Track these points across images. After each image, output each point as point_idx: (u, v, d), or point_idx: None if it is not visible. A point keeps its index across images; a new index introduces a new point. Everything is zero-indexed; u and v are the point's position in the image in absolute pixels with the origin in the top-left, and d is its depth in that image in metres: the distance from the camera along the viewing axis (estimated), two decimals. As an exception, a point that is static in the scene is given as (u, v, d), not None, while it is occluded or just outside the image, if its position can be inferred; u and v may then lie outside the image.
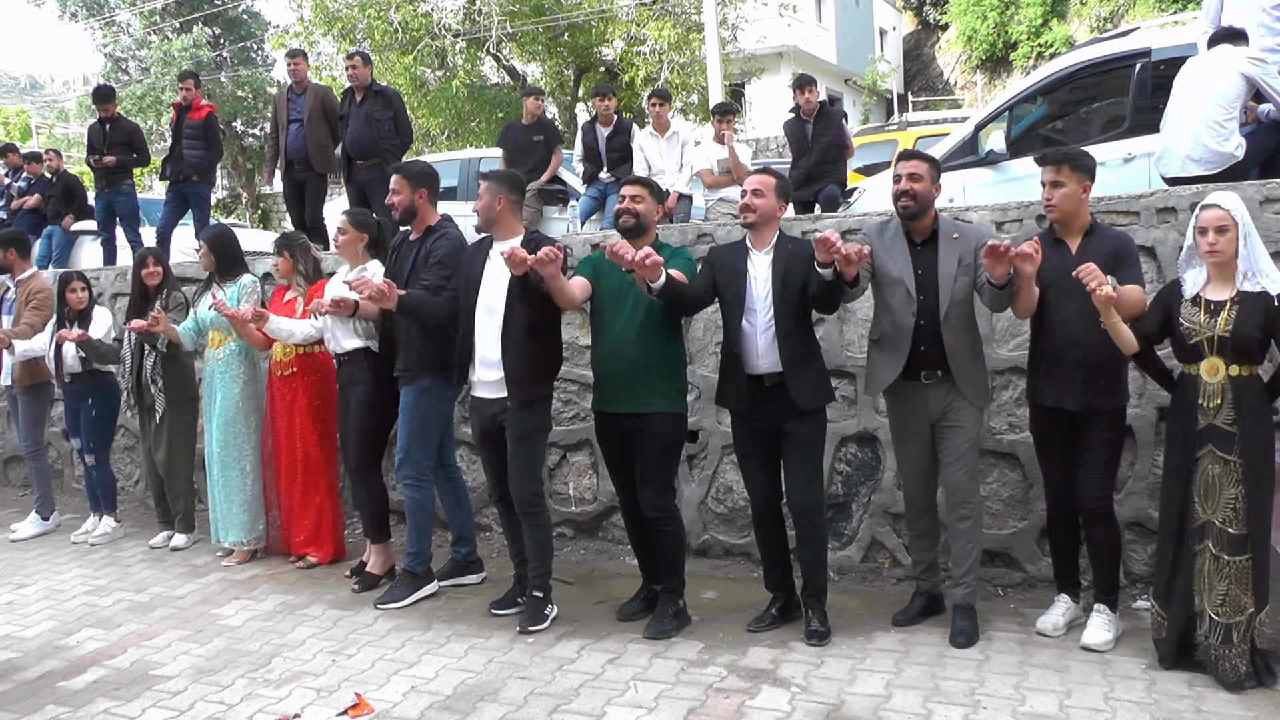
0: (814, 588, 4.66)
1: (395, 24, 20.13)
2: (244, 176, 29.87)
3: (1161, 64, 6.45)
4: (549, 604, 5.00)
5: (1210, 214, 3.98)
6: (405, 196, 5.29)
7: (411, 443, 5.30)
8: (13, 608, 5.62)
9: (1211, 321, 3.96)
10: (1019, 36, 29.79)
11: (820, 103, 8.40)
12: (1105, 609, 4.42)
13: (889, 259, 4.55)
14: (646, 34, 20.18)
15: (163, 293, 6.61)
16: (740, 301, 4.57)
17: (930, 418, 4.57)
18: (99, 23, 30.38)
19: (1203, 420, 3.99)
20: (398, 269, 5.35)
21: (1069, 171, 4.29)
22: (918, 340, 4.47)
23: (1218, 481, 3.95)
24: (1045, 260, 4.27)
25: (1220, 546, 3.92)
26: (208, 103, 9.44)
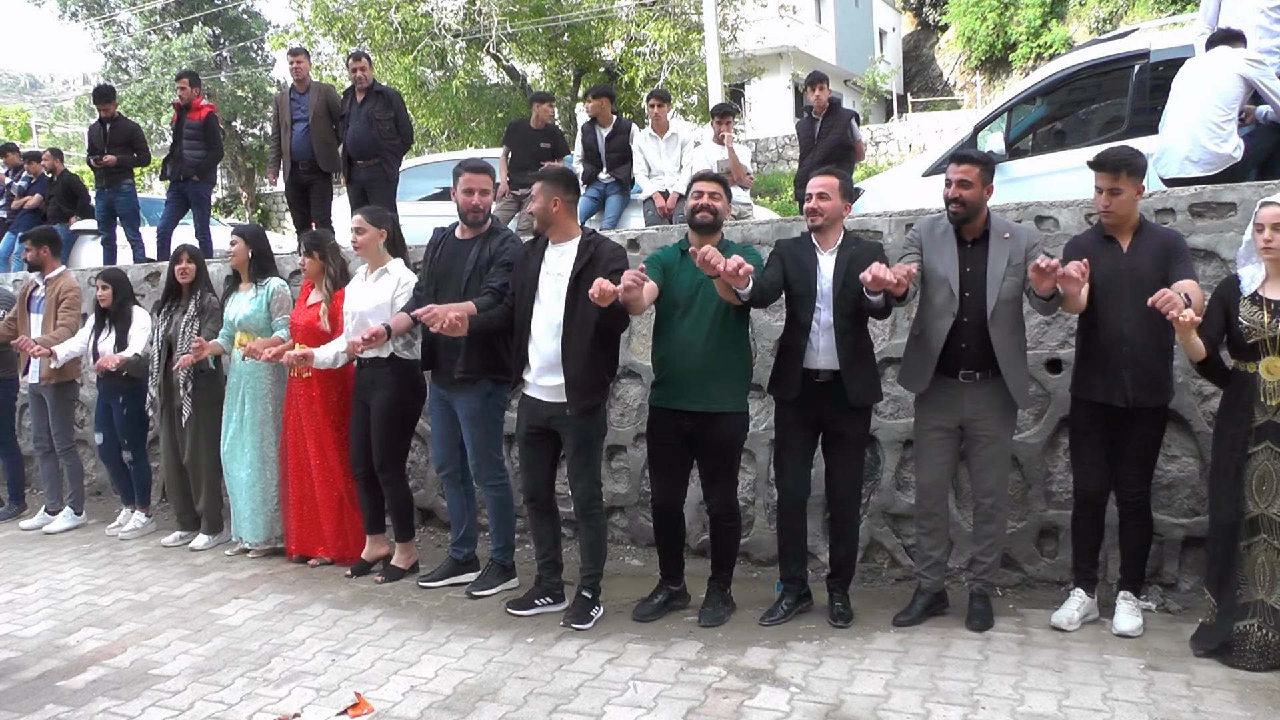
0: (844, 575, 4.89)
1: (395, 24, 20.14)
2: (244, 176, 29.87)
3: (1160, 65, 6.46)
4: (596, 605, 5.01)
5: (1269, 211, 3.97)
6: (490, 199, 5.36)
7: (483, 448, 5.38)
8: (12, 607, 5.62)
9: (1273, 322, 3.97)
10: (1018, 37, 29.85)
11: (832, 101, 8.39)
12: (1132, 596, 4.52)
13: (936, 257, 4.58)
14: (646, 34, 20.20)
15: (196, 293, 6.60)
16: (810, 298, 4.62)
17: (962, 417, 4.60)
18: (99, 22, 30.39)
19: (1261, 417, 4.03)
20: (451, 268, 5.28)
21: (1126, 177, 4.28)
22: (959, 338, 4.50)
23: (1273, 475, 4.00)
24: (1096, 258, 4.32)
25: (1277, 538, 3.98)
26: (208, 103, 9.43)
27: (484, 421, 5.36)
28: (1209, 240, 4.80)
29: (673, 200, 8.24)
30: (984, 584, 4.76)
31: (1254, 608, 4.05)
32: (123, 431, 7.01)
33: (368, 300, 5.57)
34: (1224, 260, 4.74)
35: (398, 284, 5.56)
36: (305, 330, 5.93)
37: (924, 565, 4.87)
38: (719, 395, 4.71)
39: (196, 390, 6.55)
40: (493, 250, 5.22)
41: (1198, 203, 4.84)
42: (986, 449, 4.60)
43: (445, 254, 5.35)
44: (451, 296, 5.09)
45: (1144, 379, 4.31)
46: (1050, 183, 6.49)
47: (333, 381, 5.99)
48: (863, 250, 4.63)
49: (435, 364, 5.39)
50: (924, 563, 4.87)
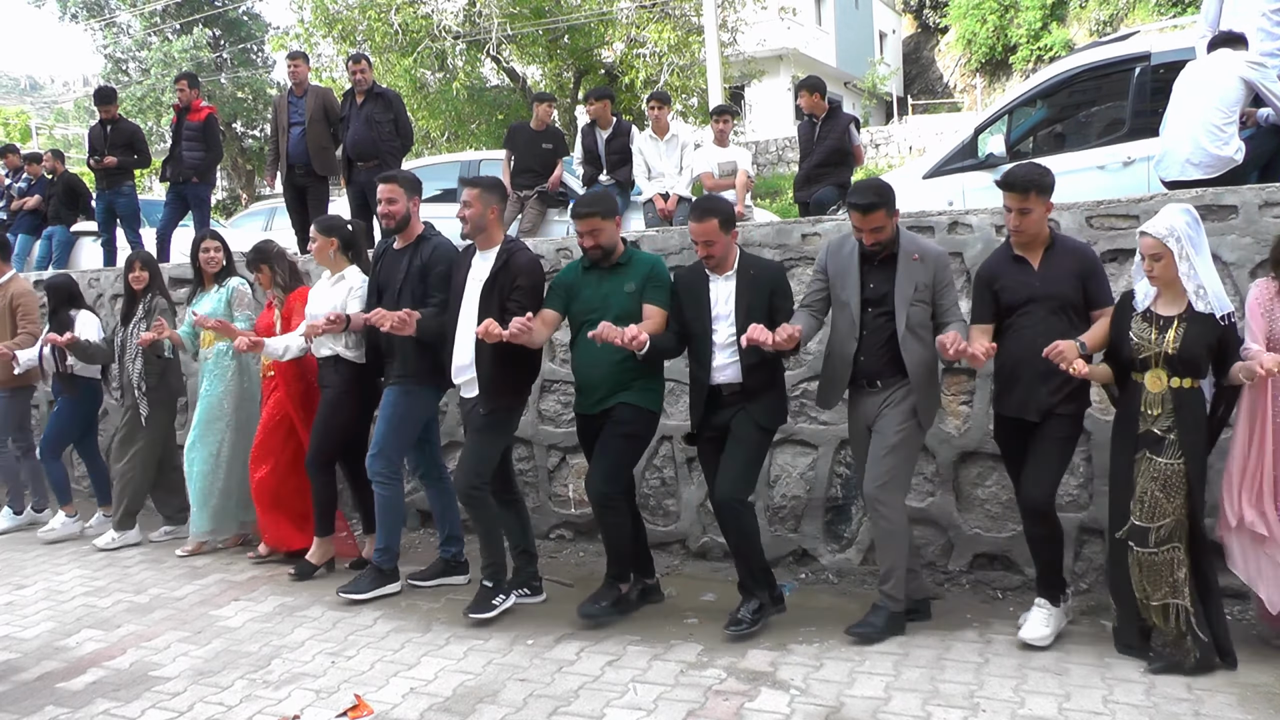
0: (749, 580, 4.78)
1: (395, 26, 20.15)
2: (244, 178, 29.90)
3: (1161, 68, 6.46)
4: (499, 594, 5.08)
5: (1144, 242, 4.07)
6: (401, 206, 5.36)
7: (386, 439, 5.36)
8: (12, 608, 5.62)
9: (1160, 338, 4.06)
10: (1018, 40, 29.87)
11: (832, 106, 8.39)
12: (1046, 603, 4.49)
13: (840, 281, 4.61)
14: (646, 36, 20.22)
15: (148, 295, 6.72)
16: (704, 321, 4.71)
17: (868, 420, 4.64)
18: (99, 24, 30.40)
19: (1142, 426, 4.12)
20: (386, 277, 5.42)
21: (1035, 196, 4.28)
22: (860, 352, 4.55)
23: (1140, 478, 4.11)
24: (1007, 278, 4.39)
25: (1132, 538, 4.11)
26: (207, 104, 9.44)
27: (393, 414, 5.36)
28: (1210, 243, 4.78)
29: (673, 202, 8.24)
30: (885, 596, 4.62)
31: (1142, 607, 4.15)
32: (52, 430, 7.17)
33: (324, 304, 5.68)
34: (1225, 263, 4.74)
35: (352, 289, 5.67)
36: (265, 331, 6.13)
37: None
38: (619, 392, 4.81)
39: (149, 390, 6.67)
40: (423, 258, 5.32)
41: (1199, 205, 4.82)
42: (875, 446, 4.57)
43: (386, 265, 5.48)
44: (389, 305, 5.24)
45: (1059, 390, 4.29)
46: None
47: (296, 378, 6.05)
48: (763, 273, 4.73)
49: (379, 369, 5.54)
50: None
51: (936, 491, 5.32)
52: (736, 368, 4.66)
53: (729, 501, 4.65)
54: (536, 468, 6.40)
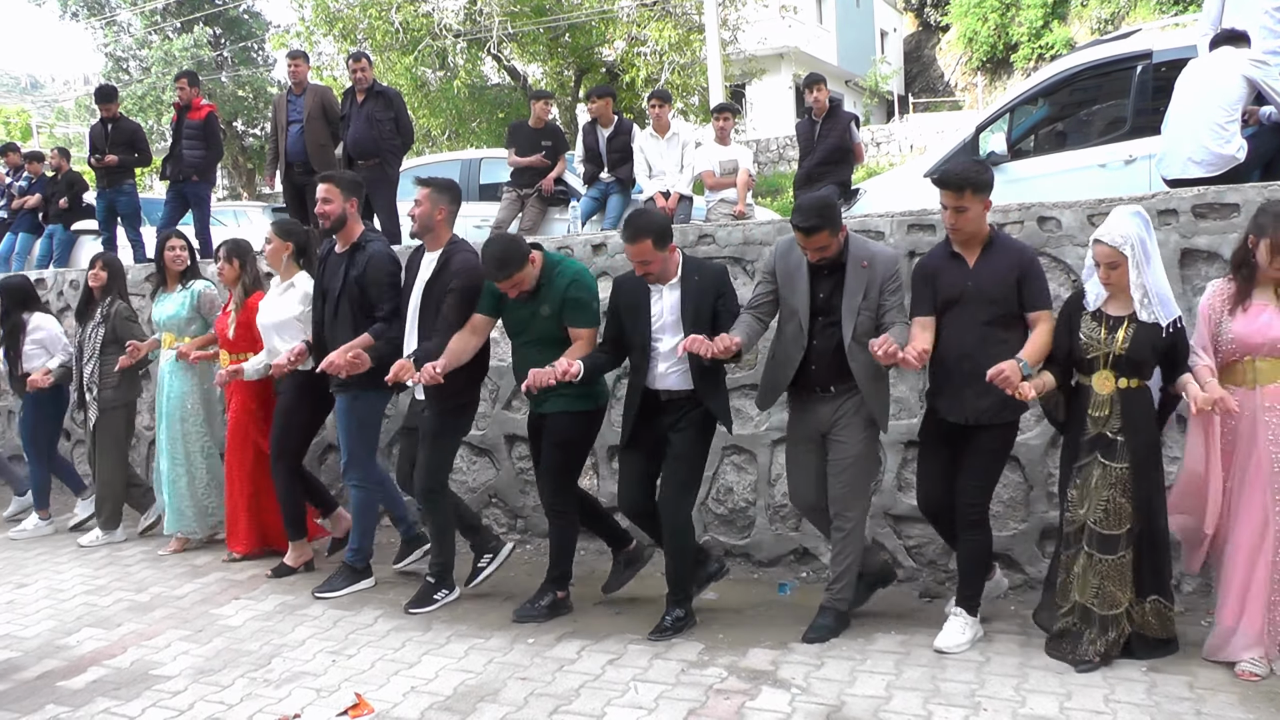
0: (674, 589, 4.80)
1: (396, 24, 20.15)
2: (244, 176, 29.89)
3: (1163, 66, 6.45)
4: (443, 589, 5.27)
5: (1100, 250, 4.06)
6: (338, 206, 5.37)
7: (352, 448, 5.48)
8: (13, 607, 5.62)
9: (1110, 338, 4.07)
10: (1020, 38, 29.85)
11: (832, 104, 8.38)
12: (963, 613, 4.47)
13: (788, 286, 4.59)
14: (647, 35, 20.20)
15: (107, 298, 6.78)
16: (645, 332, 4.71)
17: (821, 428, 4.61)
18: (100, 22, 30.40)
19: (1092, 429, 4.14)
20: (329, 282, 5.45)
21: (971, 195, 4.24)
22: (810, 361, 4.53)
23: (1097, 485, 4.11)
24: (943, 274, 4.39)
25: (1093, 546, 4.11)
26: (208, 103, 9.44)
27: (349, 422, 5.46)
28: (1212, 242, 4.79)
29: (674, 200, 8.23)
30: (833, 598, 4.65)
31: (1076, 609, 4.18)
32: (26, 435, 7.29)
33: (275, 313, 5.78)
34: (1226, 261, 4.72)
35: (304, 296, 5.72)
36: (220, 334, 6.22)
37: None
38: (554, 398, 4.84)
39: (102, 392, 6.72)
40: (359, 268, 5.34)
41: (1200, 204, 4.83)
42: (836, 454, 4.57)
43: (328, 269, 5.50)
44: (330, 311, 5.39)
45: (989, 395, 4.22)
46: (1052, 184, 6.47)
47: (256, 382, 6.07)
48: (706, 278, 4.70)
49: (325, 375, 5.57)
50: None
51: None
52: (680, 375, 4.67)
53: (670, 513, 4.72)
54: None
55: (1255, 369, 4.05)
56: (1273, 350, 4.01)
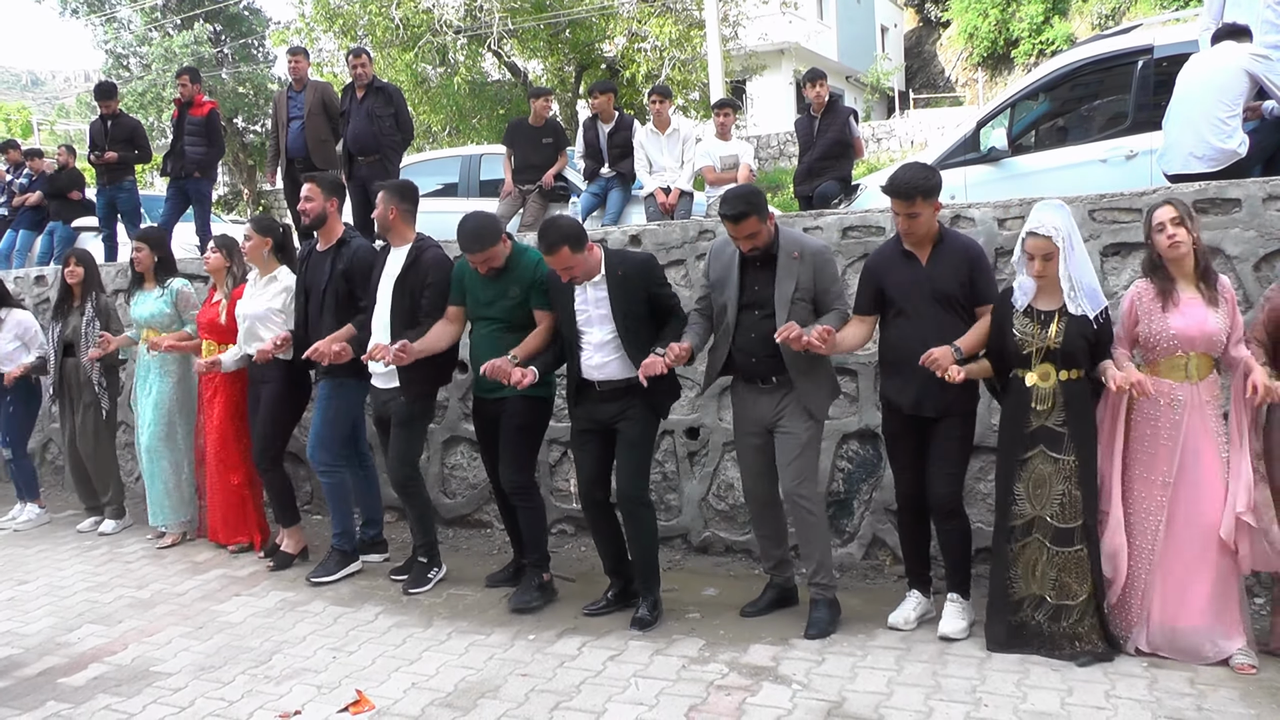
0: (643, 578, 4.88)
1: (396, 20, 20.14)
2: (245, 173, 29.86)
3: (1164, 61, 6.44)
4: (434, 568, 5.54)
5: (1034, 243, 4.12)
6: (318, 204, 5.59)
7: (323, 432, 5.66)
8: (14, 604, 5.62)
9: (1043, 333, 4.16)
10: (1020, 34, 29.78)
11: (831, 98, 8.37)
12: (959, 598, 4.56)
13: (721, 282, 4.69)
14: (648, 30, 20.18)
15: (90, 294, 6.95)
16: (573, 328, 4.82)
17: (765, 421, 4.67)
18: (100, 19, 30.33)
19: (1035, 422, 4.21)
20: (312, 280, 5.66)
21: (922, 201, 4.30)
22: (749, 353, 4.59)
23: (1048, 479, 4.19)
24: (894, 272, 4.47)
25: (1049, 538, 4.18)
26: (210, 99, 9.43)
27: (328, 408, 5.65)
28: (1213, 237, 4.78)
29: (674, 196, 8.23)
30: (819, 588, 4.69)
31: (1027, 600, 4.23)
32: (6, 429, 7.37)
33: (256, 305, 5.93)
34: (1228, 256, 4.72)
35: (285, 288, 5.91)
36: (208, 326, 6.29)
37: (768, 564, 4.96)
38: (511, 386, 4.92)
39: (109, 386, 6.99)
40: (345, 262, 5.55)
41: (1202, 199, 4.82)
42: (784, 445, 4.62)
43: (311, 267, 5.70)
44: (315, 307, 5.61)
45: (943, 388, 4.30)
46: (1053, 179, 6.47)
47: (234, 376, 6.23)
48: (630, 267, 4.79)
49: (308, 362, 5.66)
50: (768, 561, 4.96)
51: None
52: (615, 365, 4.74)
53: (630, 499, 4.80)
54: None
55: (1193, 363, 4.14)
56: (1208, 345, 4.11)
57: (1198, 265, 4.14)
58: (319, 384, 5.66)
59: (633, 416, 4.78)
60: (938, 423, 4.43)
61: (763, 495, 4.80)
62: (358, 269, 5.51)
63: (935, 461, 4.47)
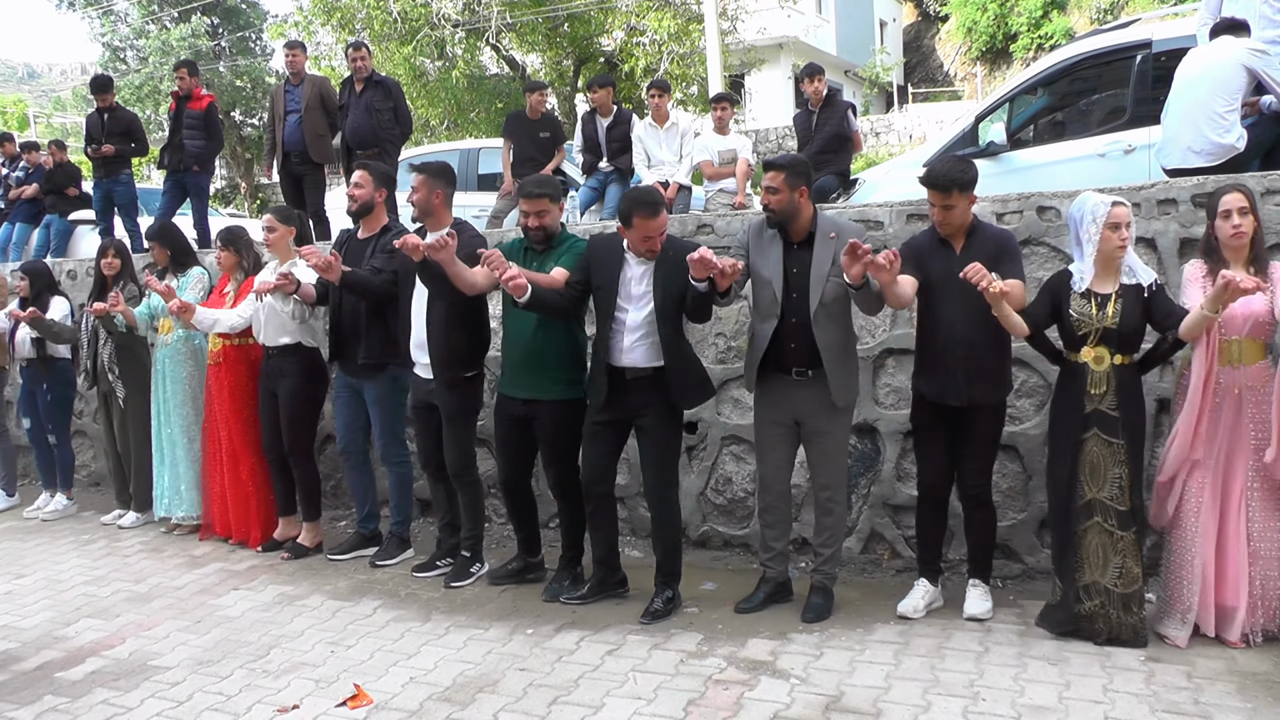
0: (665, 572, 4.91)
1: (394, 14, 20.10)
2: (242, 166, 29.82)
3: (1162, 55, 6.43)
4: (477, 563, 5.51)
5: (1120, 212, 4.16)
6: (367, 192, 5.66)
7: (389, 429, 5.80)
8: (11, 598, 5.62)
9: (1101, 314, 4.19)
10: (1019, 28, 29.77)
11: (829, 92, 8.36)
12: (980, 582, 4.66)
13: (761, 260, 4.66)
14: (646, 25, 20.16)
15: (120, 283, 6.95)
16: (612, 301, 4.73)
17: (797, 414, 4.67)
18: (97, 12, 30.28)
19: (1089, 405, 4.25)
20: (351, 264, 5.58)
21: (958, 194, 4.36)
22: (788, 338, 4.58)
23: (1103, 462, 4.21)
24: (930, 260, 4.50)
25: (1111, 522, 4.20)
26: (208, 93, 9.41)
27: (390, 404, 5.78)
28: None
29: (673, 190, 8.21)
30: (825, 575, 4.79)
31: (1092, 589, 4.24)
32: (47, 416, 7.42)
33: None
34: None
35: (299, 267, 5.88)
36: None
37: (767, 556, 4.93)
38: (544, 384, 4.97)
39: (124, 373, 6.93)
40: (386, 247, 5.55)
41: (1200, 194, 4.82)
42: (820, 444, 4.67)
43: (349, 253, 5.69)
44: None
45: (979, 378, 4.41)
46: (1052, 173, 6.47)
47: (241, 369, 6.26)
48: (680, 253, 4.63)
49: (342, 354, 5.79)
50: (767, 553, 4.93)
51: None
52: (644, 350, 4.70)
53: (661, 500, 4.83)
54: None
55: (1241, 348, 4.17)
56: (1255, 328, 4.14)
57: (1251, 250, 4.16)
58: (368, 384, 5.72)
59: (658, 413, 4.75)
60: (969, 413, 4.47)
61: (781, 487, 4.79)
62: (402, 257, 5.37)
63: (967, 454, 4.54)
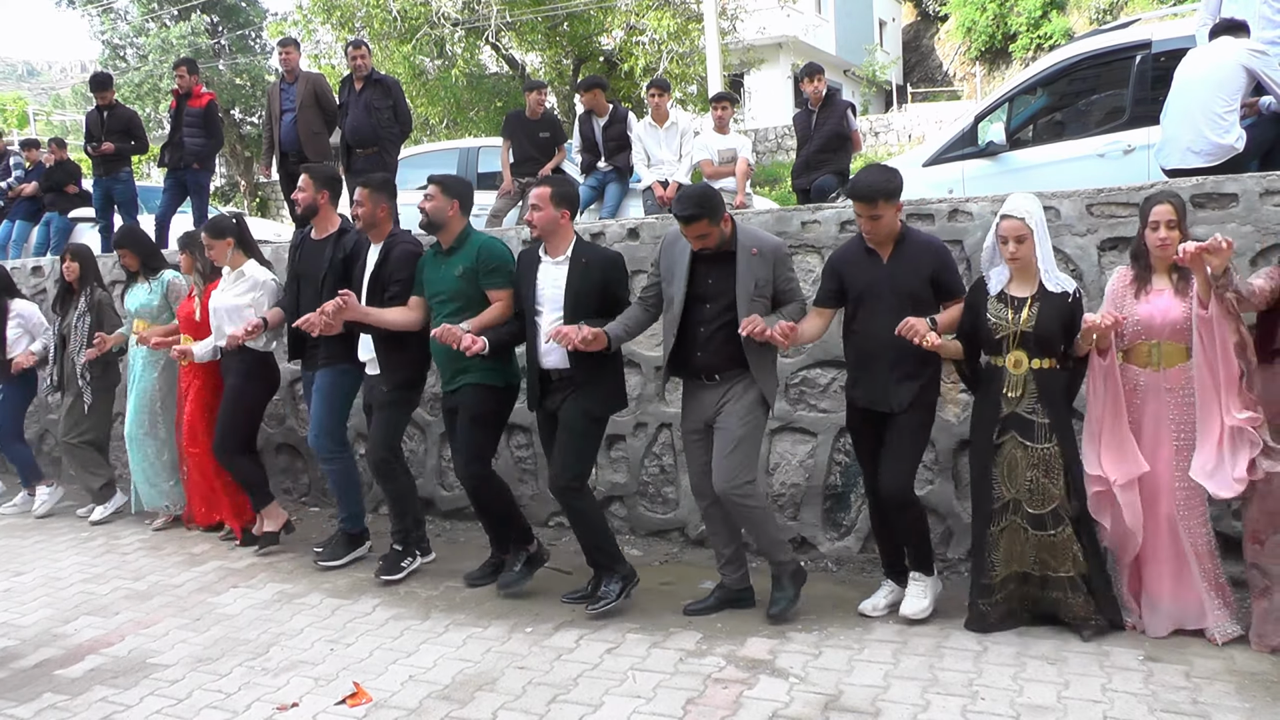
0: (595, 564, 4.99)
1: (394, 12, 20.11)
2: (242, 164, 29.80)
3: (1162, 56, 6.44)
4: (408, 557, 5.57)
5: (1009, 224, 4.20)
6: (309, 195, 5.70)
7: (326, 420, 5.72)
8: (10, 595, 5.62)
9: (1016, 317, 4.23)
10: (1018, 28, 29.78)
11: (829, 92, 8.36)
12: (921, 576, 4.64)
13: (669, 276, 4.69)
14: (646, 24, 20.17)
15: (86, 289, 7.08)
16: (531, 304, 4.88)
17: (706, 417, 4.70)
18: (97, 9, 30.26)
19: (1005, 409, 4.29)
20: (305, 268, 5.73)
21: (885, 204, 4.34)
22: (698, 347, 4.60)
23: (1018, 464, 4.28)
24: (857, 268, 4.52)
25: (1025, 521, 4.28)
26: (208, 91, 9.41)
27: (329, 396, 5.70)
28: (1211, 231, 4.78)
29: (672, 189, 8.21)
30: (778, 566, 4.75)
31: (1010, 579, 4.36)
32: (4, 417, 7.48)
33: (226, 299, 6.06)
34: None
35: (253, 284, 6.04)
36: (185, 320, 6.49)
37: (720, 563, 4.93)
38: (463, 374, 5.08)
39: (95, 379, 7.09)
40: (345, 250, 5.64)
41: (1199, 194, 4.83)
42: (723, 441, 4.62)
43: (305, 254, 5.79)
44: (311, 293, 5.60)
45: (908, 382, 4.41)
46: (1051, 173, 6.48)
47: (209, 368, 6.35)
48: (595, 257, 4.85)
49: (301, 351, 5.81)
50: (719, 560, 4.93)
51: (936, 479, 5.32)
52: (560, 352, 4.76)
53: (560, 488, 4.85)
54: (536, 455, 6.39)
55: (1160, 351, 4.22)
56: (1174, 333, 4.18)
57: None
58: (317, 373, 5.71)
59: (570, 407, 4.83)
60: (895, 416, 4.47)
61: (710, 492, 4.78)
62: (357, 258, 5.58)
63: (886, 455, 4.52)
